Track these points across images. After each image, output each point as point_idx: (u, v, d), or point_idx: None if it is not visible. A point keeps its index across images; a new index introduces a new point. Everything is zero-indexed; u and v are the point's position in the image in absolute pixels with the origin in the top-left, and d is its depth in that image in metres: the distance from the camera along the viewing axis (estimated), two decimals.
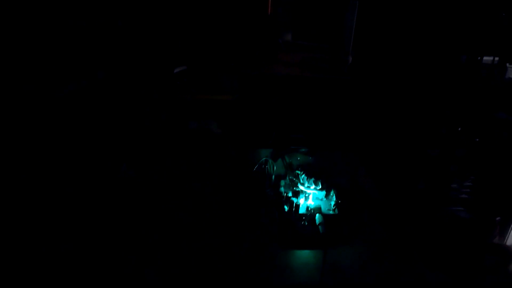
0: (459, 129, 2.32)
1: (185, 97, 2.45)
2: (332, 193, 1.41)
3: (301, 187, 1.44)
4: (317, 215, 1.32)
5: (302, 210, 1.36)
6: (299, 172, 1.51)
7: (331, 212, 1.36)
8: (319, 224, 1.28)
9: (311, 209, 1.36)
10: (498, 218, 1.82)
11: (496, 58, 2.44)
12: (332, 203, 1.39)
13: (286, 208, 1.36)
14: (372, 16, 2.41)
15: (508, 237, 1.83)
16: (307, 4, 2.77)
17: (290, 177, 1.50)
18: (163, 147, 2.11)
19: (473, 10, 2.39)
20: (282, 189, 1.46)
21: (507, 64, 2.42)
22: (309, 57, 2.44)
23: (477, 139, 2.35)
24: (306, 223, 1.30)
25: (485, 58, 2.46)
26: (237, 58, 2.44)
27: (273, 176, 1.52)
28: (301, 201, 1.40)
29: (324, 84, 2.17)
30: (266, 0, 2.46)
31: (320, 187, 1.44)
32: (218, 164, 1.80)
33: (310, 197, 1.41)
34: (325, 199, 1.41)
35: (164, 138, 2.25)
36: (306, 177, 1.46)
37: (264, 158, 1.56)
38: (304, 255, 1.21)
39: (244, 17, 2.51)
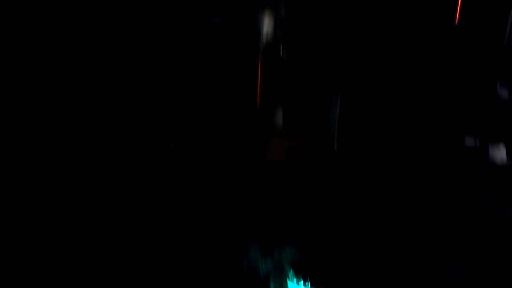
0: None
1: (178, 175, 2.46)
2: None
3: None
4: None
5: None
6: None
7: None
8: None
9: None
10: None
11: (478, 140, 2.51)
12: None
13: None
14: (354, 110, 2.51)
15: None
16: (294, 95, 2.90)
17: None
18: None
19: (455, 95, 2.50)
20: None
21: (489, 144, 2.48)
22: (297, 144, 2.51)
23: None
24: None
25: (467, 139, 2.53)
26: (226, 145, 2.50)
27: None
28: None
29: (312, 175, 2.21)
30: (255, 95, 2.55)
31: None
32: None
33: None
34: None
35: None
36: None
37: None
38: None
39: (234, 109, 2.59)
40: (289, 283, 1.43)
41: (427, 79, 2.53)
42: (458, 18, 2.47)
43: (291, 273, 1.49)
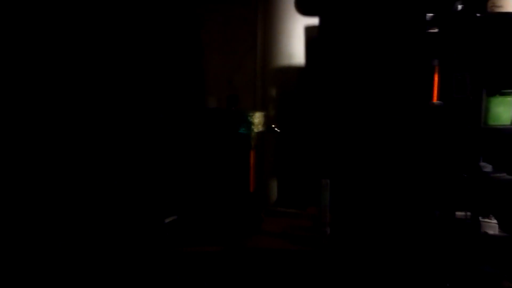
0: (448, 285, 2.35)
1: (175, 249, 2.48)
2: None
3: None
4: None
5: None
6: None
7: None
8: None
9: None
10: None
11: (468, 213, 2.58)
12: None
13: None
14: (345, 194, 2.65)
15: None
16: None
17: None
18: None
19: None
20: None
21: (480, 218, 2.54)
22: (291, 226, 2.58)
23: None
24: None
25: (457, 213, 2.60)
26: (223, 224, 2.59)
27: None
28: None
29: (306, 258, 2.26)
30: (248, 179, 2.69)
31: None
32: None
33: None
34: None
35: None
36: None
37: None
38: None
39: (229, 193, 2.73)
40: None
41: (415, 159, 2.67)
42: (436, 97, 2.67)
43: None
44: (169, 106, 3.30)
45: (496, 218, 2.49)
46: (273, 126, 3.16)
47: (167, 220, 2.78)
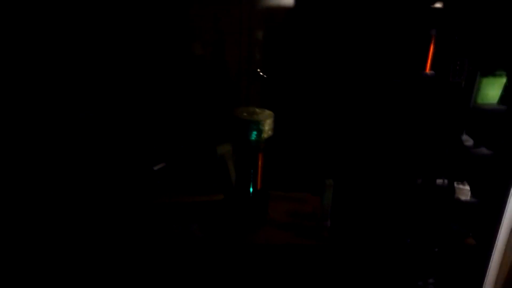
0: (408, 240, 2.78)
1: (165, 200, 2.44)
2: None
3: None
4: None
5: None
6: None
7: None
8: None
9: None
10: None
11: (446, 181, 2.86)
12: None
13: None
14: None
15: None
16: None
17: None
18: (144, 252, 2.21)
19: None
20: None
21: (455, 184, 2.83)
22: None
23: (436, 249, 2.82)
24: None
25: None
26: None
27: None
28: None
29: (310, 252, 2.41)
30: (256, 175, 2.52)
31: None
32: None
33: None
34: None
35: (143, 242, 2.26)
36: None
37: None
38: None
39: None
40: None
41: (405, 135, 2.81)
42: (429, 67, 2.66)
43: None
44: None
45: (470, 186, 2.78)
46: (258, 70, 3.13)
47: (156, 167, 2.67)
